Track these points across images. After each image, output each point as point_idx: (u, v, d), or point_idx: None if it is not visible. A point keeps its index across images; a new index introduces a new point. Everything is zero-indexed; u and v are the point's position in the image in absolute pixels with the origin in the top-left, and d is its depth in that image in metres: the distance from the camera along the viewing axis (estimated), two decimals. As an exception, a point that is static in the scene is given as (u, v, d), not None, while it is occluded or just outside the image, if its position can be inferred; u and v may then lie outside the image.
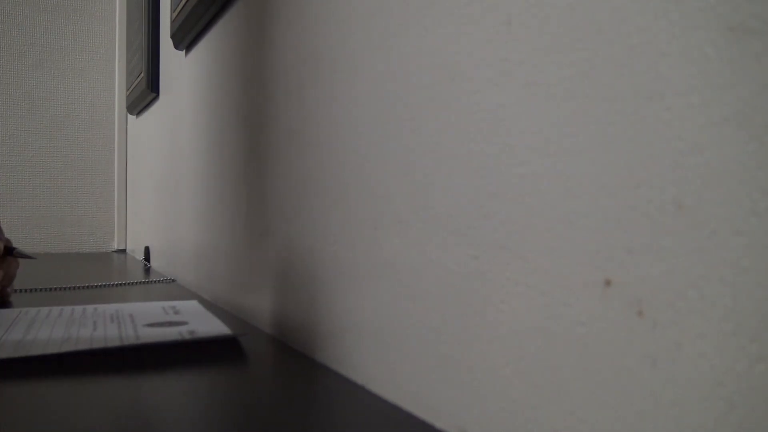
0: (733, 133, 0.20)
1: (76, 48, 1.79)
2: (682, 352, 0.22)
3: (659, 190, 0.23)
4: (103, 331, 0.55)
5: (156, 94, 1.25)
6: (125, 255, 1.64)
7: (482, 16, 0.32)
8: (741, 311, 0.20)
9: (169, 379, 0.44)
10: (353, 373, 0.44)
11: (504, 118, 0.30)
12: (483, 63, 0.32)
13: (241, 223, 0.70)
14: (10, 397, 0.39)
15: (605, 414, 0.25)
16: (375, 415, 0.37)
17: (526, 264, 0.29)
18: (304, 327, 0.53)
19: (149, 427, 0.34)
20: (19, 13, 1.74)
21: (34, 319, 0.62)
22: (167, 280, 1.02)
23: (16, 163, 1.74)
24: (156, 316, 0.63)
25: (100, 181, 1.82)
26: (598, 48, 0.25)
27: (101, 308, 0.69)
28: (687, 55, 0.22)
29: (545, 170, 0.28)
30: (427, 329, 0.36)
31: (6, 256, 0.80)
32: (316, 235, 0.50)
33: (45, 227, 1.76)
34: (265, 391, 0.41)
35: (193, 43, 0.95)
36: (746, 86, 0.20)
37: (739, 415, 0.20)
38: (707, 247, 0.21)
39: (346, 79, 0.45)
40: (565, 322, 0.27)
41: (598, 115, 0.25)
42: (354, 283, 0.44)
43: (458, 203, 0.34)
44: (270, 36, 0.61)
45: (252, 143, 0.66)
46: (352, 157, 0.45)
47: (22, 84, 1.74)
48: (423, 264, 0.36)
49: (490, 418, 0.31)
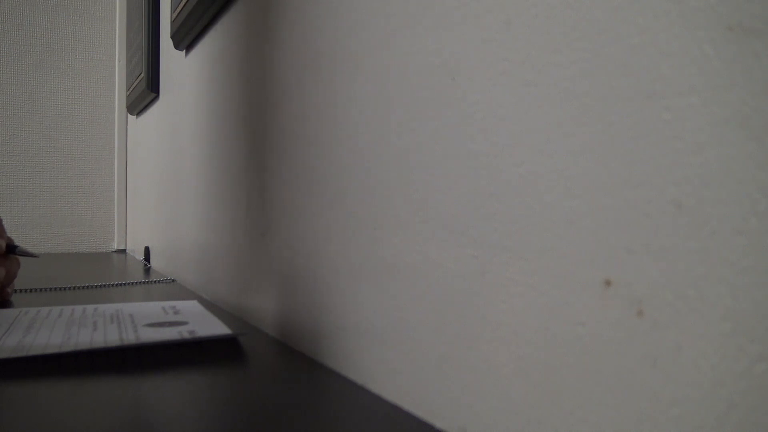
0: (733, 133, 0.20)
1: (76, 48, 1.79)
2: (682, 352, 0.22)
3: (659, 190, 0.23)
4: (103, 331, 0.55)
5: (156, 94, 1.25)
6: (125, 255, 1.64)
7: (482, 16, 0.32)
8: (741, 311, 0.20)
9: (169, 379, 0.44)
10: (353, 373, 0.44)
11: (504, 118, 0.30)
12: (483, 63, 0.32)
13: (242, 223, 0.70)
14: (10, 397, 0.39)
15: (605, 414, 0.25)
16: (375, 415, 0.37)
17: (526, 264, 0.29)
18: (304, 327, 0.53)
19: (149, 427, 0.34)
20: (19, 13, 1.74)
21: (34, 319, 0.62)
22: (167, 280, 1.02)
23: (16, 163, 1.74)
24: (156, 316, 0.63)
25: (100, 181, 1.82)
26: (598, 48, 0.25)
27: (101, 308, 0.69)
28: (687, 55, 0.22)
29: (545, 170, 0.28)
30: (427, 329, 0.36)
31: (7, 254, 0.80)
32: (316, 235, 0.50)
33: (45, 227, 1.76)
34: (265, 391, 0.41)
35: (193, 43, 0.95)
36: (746, 86, 0.20)
37: (739, 415, 0.20)
38: (707, 247, 0.21)
39: (347, 78, 0.46)
40: (565, 322, 0.27)
41: (598, 115, 0.25)
42: (354, 283, 0.44)
43: (458, 203, 0.34)
44: (270, 36, 0.61)
45: (252, 143, 0.66)
46: (352, 157, 0.45)
47: (22, 84, 1.74)
48: (423, 264, 0.36)
49: (490, 418, 0.31)
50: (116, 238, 1.83)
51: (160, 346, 0.52)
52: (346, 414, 0.37)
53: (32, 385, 0.42)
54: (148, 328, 0.57)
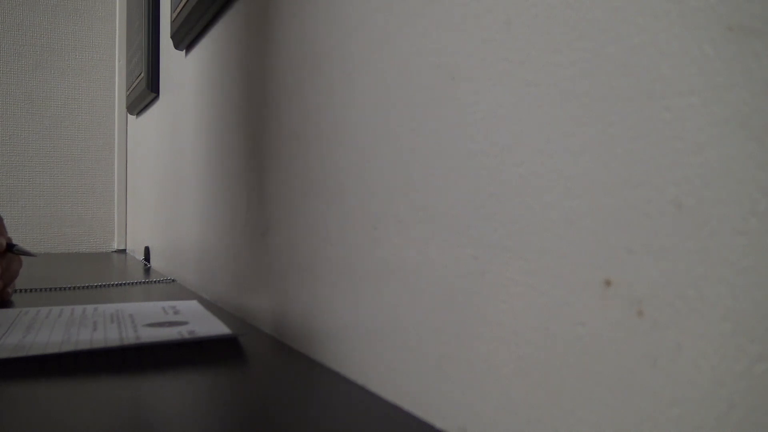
0: (733, 133, 0.20)
1: (76, 48, 1.79)
2: (682, 352, 0.22)
3: (659, 190, 0.23)
4: (103, 332, 0.55)
5: (156, 94, 1.25)
6: (125, 255, 1.64)
7: (482, 16, 0.32)
8: (741, 311, 0.20)
9: (169, 379, 0.44)
10: (353, 373, 0.44)
11: (504, 118, 0.30)
12: (483, 63, 0.32)
13: (241, 223, 0.70)
14: (10, 397, 0.39)
15: (605, 414, 0.25)
16: (375, 415, 0.37)
17: (526, 264, 0.29)
18: (303, 327, 0.53)
19: (149, 427, 0.34)
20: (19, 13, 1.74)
21: (34, 319, 0.62)
22: (167, 280, 1.02)
23: (16, 163, 1.74)
24: (156, 316, 0.63)
25: (100, 181, 1.82)
26: (598, 48, 0.25)
27: (101, 308, 0.69)
28: (687, 55, 0.22)
29: (545, 170, 0.28)
30: (427, 329, 0.36)
31: (6, 252, 0.80)
32: (316, 234, 0.50)
33: (45, 227, 1.76)
34: (264, 391, 0.41)
35: (193, 43, 0.95)
36: (746, 86, 0.20)
37: (739, 415, 0.20)
38: (707, 247, 0.21)
39: (346, 78, 0.45)
40: (565, 322, 0.27)
41: (598, 115, 0.25)
42: (354, 283, 0.44)
43: (458, 203, 0.34)
44: (270, 36, 0.61)
45: (252, 143, 0.66)
46: (352, 157, 0.45)
47: (22, 84, 1.74)
48: (423, 264, 0.36)
49: (490, 418, 0.31)
50: (116, 238, 1.83)
51: (160, 346, 0.52)
52: (346, 414, 0.37)
53: (32, 385, 0.42)
54: (148, 328, 0.57)
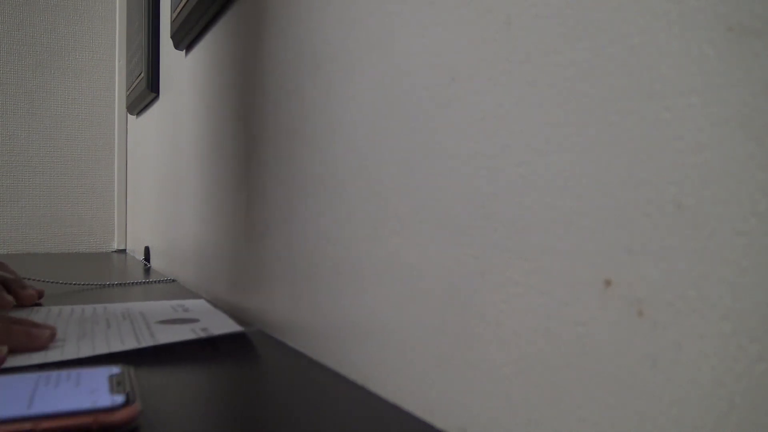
0: (733, 133, 0.20)
1: (76, 48, 1.79)
2: (682, 352, 0.22)
3: (659, 189, 0.23)
4: (118, 330, 0.56)
5: (156, 94, 1.25)
6: (125, 255, 1.64)
7: (482, 16, 0.32)
8: (741, 311, 0.20)
9: (174, 374, 0.44)
10: (353, 373, 0.44)
11: (504, 118, 0.30)
12: (483, 63, 0.32)
13: (241, 223, 0.70)
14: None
15: (605, 414, 0.25)
16: (375, 415, 0.37)
17: (526, 264, 0.29)
18: (303, 327, 0.53)
19: (152, 427, 0.34)
20: (19, 13, 1.74)
21: (47, 317, 0.62)
22: (167, 280, 1.02)
23: (16, 163, 1.74)
24: (166, 313, 0.64)
25: (100, 181, 1.82)
26: (598, 48, 0.25)
27: (111, 307, 0.69)
28: (687, 55, 0.22)
29: (545, 170, 0.28)
30: (427, 329, 0.36)
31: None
32: (316, 234, 0.50)
33: (45, 227, 1.76)
34: (264, 390, 0.41)
35: (193, 43, 0.95)
36: (746, 86, 0.20)
37: (739, 415, 0.20)
38: (707, 247, 0.21)
39: (346, 78, 0.45)
40: (565, 322, 0.27)
41: (598, 115, 0.25)
42: (354, 282, 0.44)
43: (458, 203, 0.34)
44: (270, 36, 0.61)
45: (252, 143, 0.66)
46: (351, 157, 0.45)
47: (22, 84, 1.74)
48: (423, 264, 0.36)
49: (490, 418, 0.31)
50: (116, 238, 1.83)
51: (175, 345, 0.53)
52: (346, 414, 0.37)
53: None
54: (161, 325, 0.58)
